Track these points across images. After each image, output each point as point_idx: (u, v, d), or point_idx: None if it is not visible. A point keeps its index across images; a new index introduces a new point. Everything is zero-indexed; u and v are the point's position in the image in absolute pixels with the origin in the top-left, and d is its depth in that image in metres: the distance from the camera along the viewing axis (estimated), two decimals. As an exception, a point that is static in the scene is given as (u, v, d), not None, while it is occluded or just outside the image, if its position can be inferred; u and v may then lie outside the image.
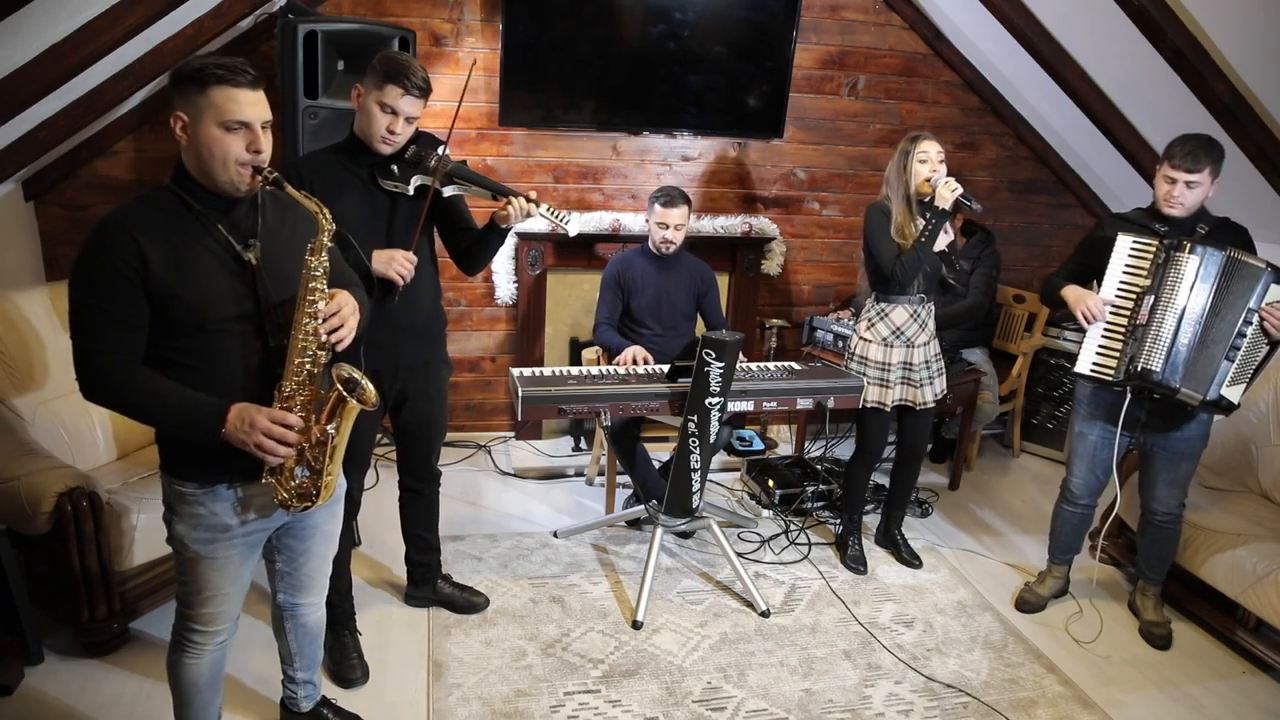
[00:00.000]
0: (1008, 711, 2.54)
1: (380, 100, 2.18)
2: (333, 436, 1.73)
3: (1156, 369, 2.57)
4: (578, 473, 3.98)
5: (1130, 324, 2.61)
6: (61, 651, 2.52)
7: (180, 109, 1.59)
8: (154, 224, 1.61)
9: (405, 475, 2.69)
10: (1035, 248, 4.72)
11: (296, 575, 2.02)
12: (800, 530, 3.50)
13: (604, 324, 3.44)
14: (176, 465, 1.74)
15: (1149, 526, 2.90)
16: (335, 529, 2.05)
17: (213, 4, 3.01)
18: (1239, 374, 2.55)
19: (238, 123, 1.59)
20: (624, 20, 3.77)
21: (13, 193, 3.28)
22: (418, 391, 2.50)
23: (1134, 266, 2.62)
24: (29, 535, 2.36)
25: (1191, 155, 2.51)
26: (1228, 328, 2.53)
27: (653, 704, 2.48)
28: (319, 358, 1.70)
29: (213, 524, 1.76)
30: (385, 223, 2.34)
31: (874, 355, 3.04)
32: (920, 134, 2.89)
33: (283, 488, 1.74)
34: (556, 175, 4.00)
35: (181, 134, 1.60)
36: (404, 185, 2.30)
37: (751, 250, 4.21)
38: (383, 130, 2.21)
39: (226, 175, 1.62)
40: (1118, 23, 3.07)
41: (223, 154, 1.60)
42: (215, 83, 1.57)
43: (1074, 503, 2.96)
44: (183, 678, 1.91)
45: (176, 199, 1.65)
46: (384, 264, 2.26)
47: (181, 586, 1.83)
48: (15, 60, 2.44)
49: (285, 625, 2.10)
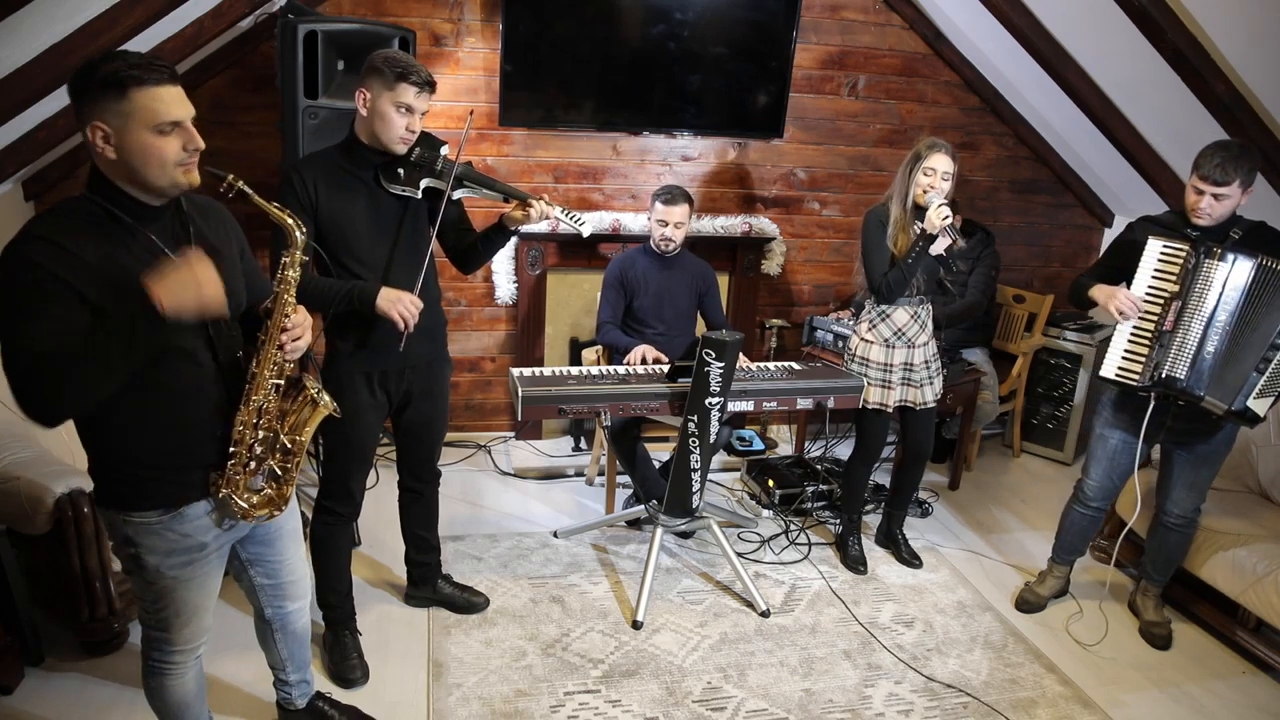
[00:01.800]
0: (1008, 711, 2.54)
1: (395, 101, 2.13)
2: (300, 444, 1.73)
3: (1181, 376, 2.54)
4: (578, 473, 3.98)
5: (1157, 329, 2.56)
6: (61, 651, 2.52)
7: (97, 119, 1.45)
8: (81, 232, 1.48)
9: (406, 475, 2.69)
10: (1035, 248, 4.72)
11: (279, 583, 1.99)
12: (800, 530, 3.50)
13: (608, 323, 3.44)
14: (131, 497, 1.63)
15: (1160, 528, 2.88)
16: (297, 524, 2.01)
17: (213, 4, 3.01)
18: (1268, 387, 2.49)
19: (170, 124, 1.48)
20: (624, 20, 3.77)
21: (13, 193, 3.28)
22: (421, 390, 2.50)
23: (1163, 271, 2.55)
24: (29, 535, 2.36)
25: (1221, 168, 2.42)
26: (1260, 339, 2.46)
27: (653, 704, 2.48)
28: (284, 369, 1.69)
29: (188, 546, 1.69)
30: (395, 226, 2.31)
31: (876, 356, 3.04)
32: (937, 144, 2.83)
33: (239, 500, 1.71)
34: (556, 175, 4.00)
35: (104, 145, 1.46)
36: (413, 189, 2.26)
37: (751, 250, 4.21)
38: (401, 131, 2.17)
39: (167, 179, 1.51)
40: (1118, 23, 3.07)
41: (159, 159, 1.48)
42: (135, 85, 1.44)
43: (1086, 505, 2.94)
44: (170, 699, 1.87)
45: (98, 208, 1.52)
46: (389, 304, 2.19)
47: (156, 614, 1.75)
48: (15, 60, 2.44)
49: (274, 636, 2.08)
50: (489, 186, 2.40)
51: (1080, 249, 4.78)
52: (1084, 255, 4.76)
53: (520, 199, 2.38)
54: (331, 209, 2.19)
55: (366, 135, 2.22)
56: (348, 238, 2.23)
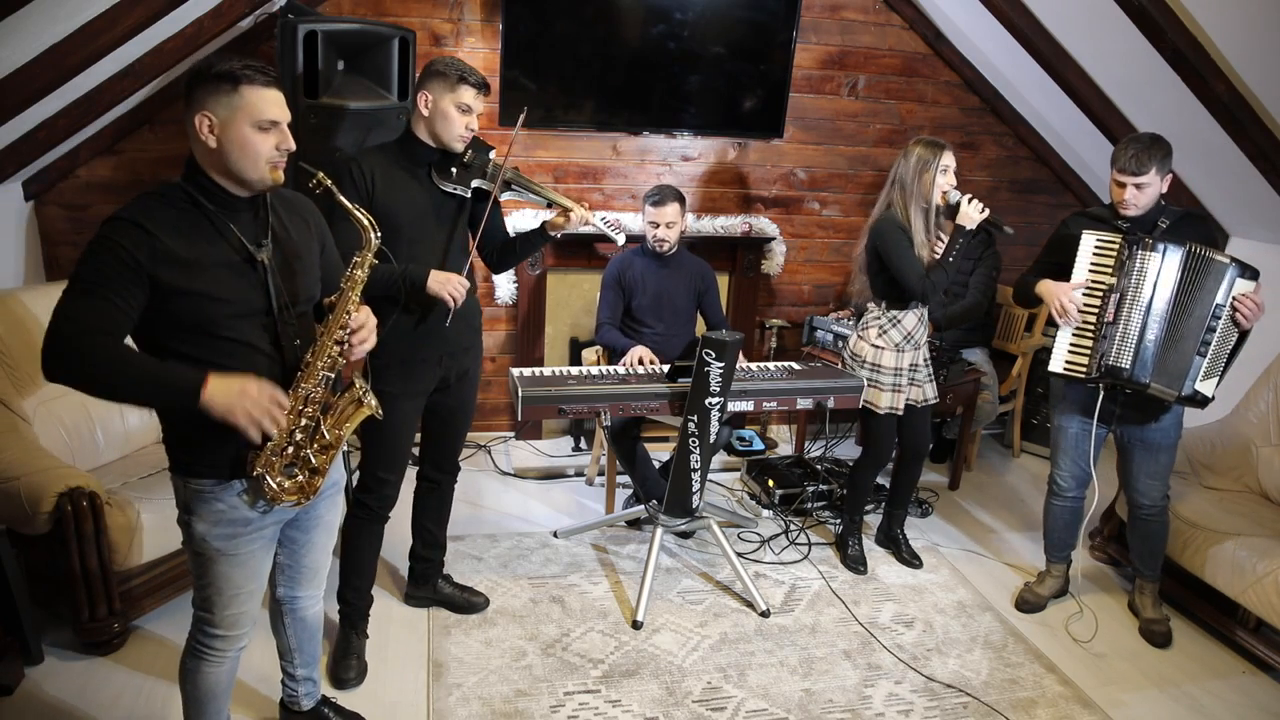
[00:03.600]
0: (1008, 711, 2.54)
1: (457, 101, 2.29)
2: (339, 438, 1.77)
3: (1126, 366, 2.62)
4: (578, 473, 3.98)
5: (1099, 321, 2.64)
6: (61, 651, 2.52)
7: (208, 109, 1.59)
8: (166, 219, 1.60)
9: (427, 465, 2.74)
10: (1035, 248, 4.67)
11: (297, 567, 2.02)
12: (800, 530, 3.50)
13: (606, 323, 3.44)
14: (190, 463, 1.72)
15: (1135, 520, 2.93)
16: (336, 519, 2.06)
17: (213, 4, 3.01)
18: (1211, 368, 2.58)
19: (269, 122, 1.62)
20: (624, 20, 3.77)
21: (13, 193, 3.29)
22: (458, 375, 2.57)
23: (1099, 264, 2.65)
24: (29, 535, 2.37)
25: (1135, 159, 2.53)
26: (1197, 324, 2.56)
27: (653, 704, 2.48)
28: (338, 363, 1.76)
29: (234, 518, 1.75)
30: (450, 223, 2.44)
31: (888, 362, 3.04)
32: (940, 143, 2.87)
33: (271, 481, 1.73)
34: (556, 175, 4.00)
35: (209, 135, 1.60)
36: (464, 187, 2.41)
37: (751, 250, 4.21)
38: (461, 130, 2.32)
39: (258, 173, 1.64)
40: (1118, 23, 3.07)
41: (254, 153, 1.62)
42: (247, 83, 1.59)
43: (1062, 495, 2.97)
44: (201, 685, 1.90)
45: (186, 197, 1.64)
46: (440, 285, 2.32)
47: (201, 591, 1.81)
48: (15, 60, 2.44)
49: (284, 620, 2.11)
50: (535, 191, 2.54)
51: (1080, 249, 4.78)
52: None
53: (563, 206, 2.52)
54: (386, 200, 2.31)
55: (426, 134, 2.36)
56: (400, 227, 2.32)
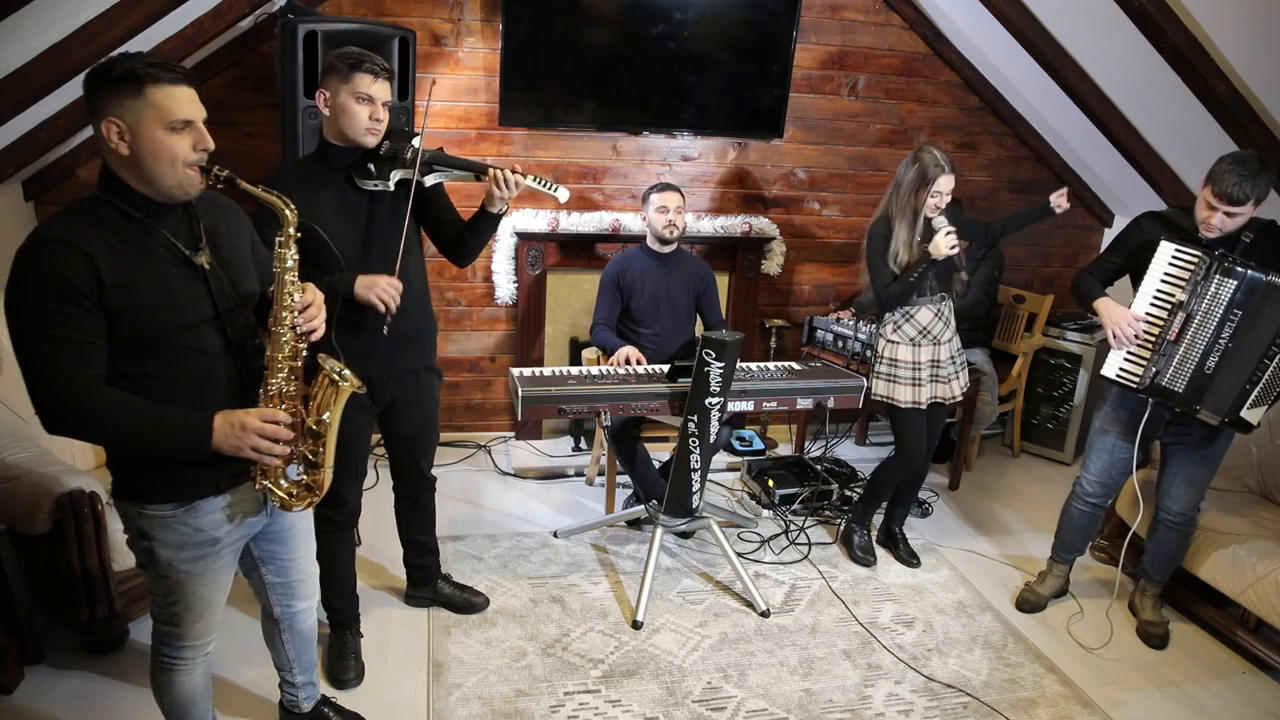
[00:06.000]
0: (1008, 711, 2.54)
1: (354, 92, 2.14)
2: (327, 425, 1.71)
3: (1179, 390, 2.54)
4: (578, 473, 3.98)
5: (1161, 337, 2.54)
6: (61, 651, 2.52)
7: (113, 115, 1.48)
8: (96, 235, 1.49)
9: (399, 482, 2.67)
10: (1035, 248, 4.72)
11: (289, 582, 1.99)
12: (800, 530, 3.50)
13: (601, 324, 3.44)
14: (145, 490, 1.64)
15: (1160, 526, 2.88)
16: (310, 525, 2.01)
17: (213, 4, 3.01)
18: (1260, 397, 2.49)
19: (182, 122, 1.51)
20: (624, 20, 3.76)
21: (13, 193, 3.28)
22: (408, 401, 2.46)
23: (1173, 277, 2.49)
24: (29, 535, 2.36)
25: (1239, 187, 2.32)
26: (1255, 353, 2.44)
27: (653, 704, 2.48)
28: (299, 350, 1.68)
29: (200, 540, 1.70)
30: (366, 223, 2.29)
31: (904, 356, 3.04)
32: (943, 166, 2.81)
33: (278, 489, 1.72)
34: (556, 175, 4.00)
35: (120, 142, 1.49)
36: (384, 182, 2.26)
37: (751, 250, 4.21)
38: (366, 121, 2.17)
39: (176, 178, 1.54)
40: (1118, 23, 3.07)
41: (170, 156, 1.51)
42: (152, 82, 1.47)
43: (1085, 500, 2.93)
44: (177, 696, 1.87)
45: (112, 209, 1.54)
46: (365, 288, 2.18)
47: (167, 609, 1.76)
48: (15, 60, 2.44)
49: (282, 636, 2.08)
50: (458, 166, 2.35)
51: (1080, 249, 4.78)
52: (1084, 255, 4.76)
53: (478, 169, 2.33)
54: (308, 215, 2.16)
55: (335, 135, 2.22)
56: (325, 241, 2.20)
